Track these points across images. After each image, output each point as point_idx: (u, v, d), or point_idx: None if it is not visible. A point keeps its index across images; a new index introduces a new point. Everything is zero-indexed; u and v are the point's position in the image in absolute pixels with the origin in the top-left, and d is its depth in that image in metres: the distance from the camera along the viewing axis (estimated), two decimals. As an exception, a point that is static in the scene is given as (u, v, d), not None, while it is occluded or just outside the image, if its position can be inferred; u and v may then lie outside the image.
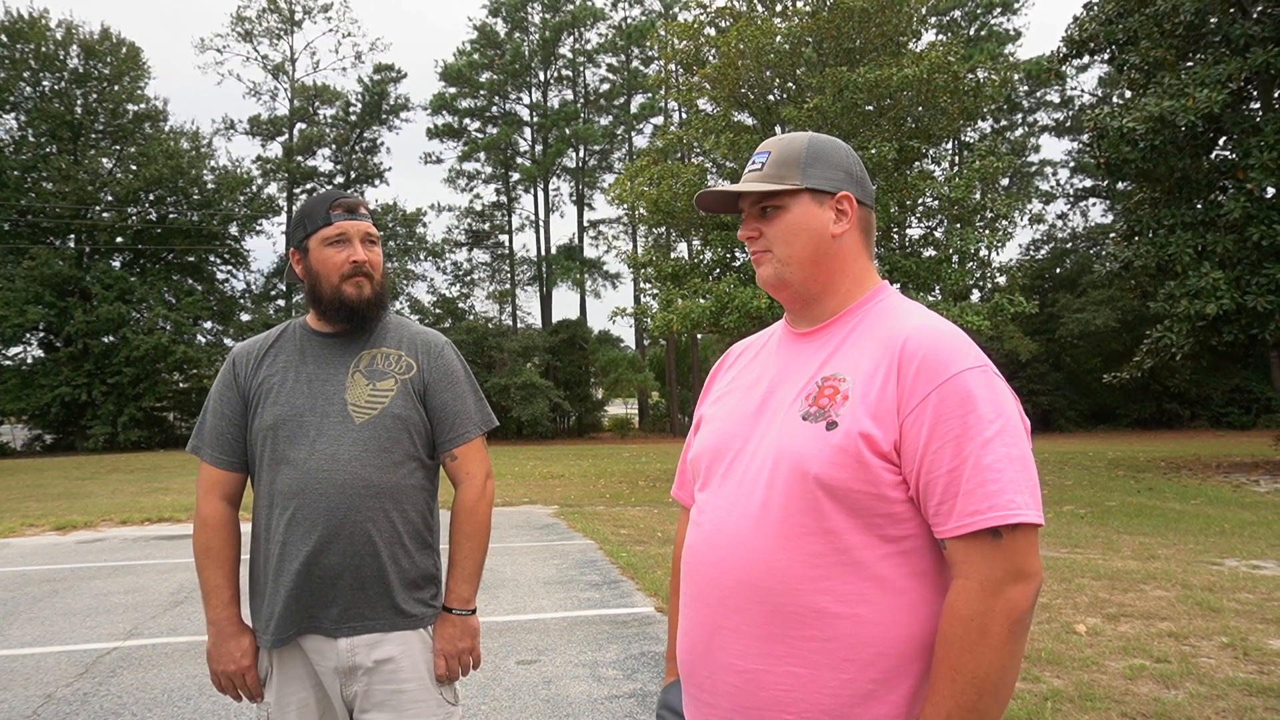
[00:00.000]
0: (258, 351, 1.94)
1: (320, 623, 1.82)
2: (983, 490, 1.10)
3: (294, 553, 1.80)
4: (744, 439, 1.30)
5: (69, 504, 13.03)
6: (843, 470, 1.16)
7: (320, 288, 1.88)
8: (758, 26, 14.26)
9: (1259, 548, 7.70)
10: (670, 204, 14.46)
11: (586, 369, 37.06)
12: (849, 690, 1.17)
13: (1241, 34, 14.68)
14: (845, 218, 1.32)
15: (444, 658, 1.89)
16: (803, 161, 1.32)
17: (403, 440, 1.87)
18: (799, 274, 1.32)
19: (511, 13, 40.59)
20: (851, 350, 1.26)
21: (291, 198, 38.78)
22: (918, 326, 1.22)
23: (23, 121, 32.73)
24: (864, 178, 1.36)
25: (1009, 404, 1.17)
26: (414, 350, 1.95)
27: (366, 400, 1.87)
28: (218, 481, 1.90)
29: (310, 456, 1.81)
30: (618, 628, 5.15)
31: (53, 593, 6.44)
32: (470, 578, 1.93)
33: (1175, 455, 19.16)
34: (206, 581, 1.87)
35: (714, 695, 1.25)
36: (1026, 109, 39.11)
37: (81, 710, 3.88)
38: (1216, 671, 3.98)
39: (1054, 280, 35.40)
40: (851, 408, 1.19)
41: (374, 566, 1.81)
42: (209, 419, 1.92)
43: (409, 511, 1.88)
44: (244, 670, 1.85)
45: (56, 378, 30.18)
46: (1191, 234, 14.91)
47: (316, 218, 1.88)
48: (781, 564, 1.19)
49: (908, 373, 1.17)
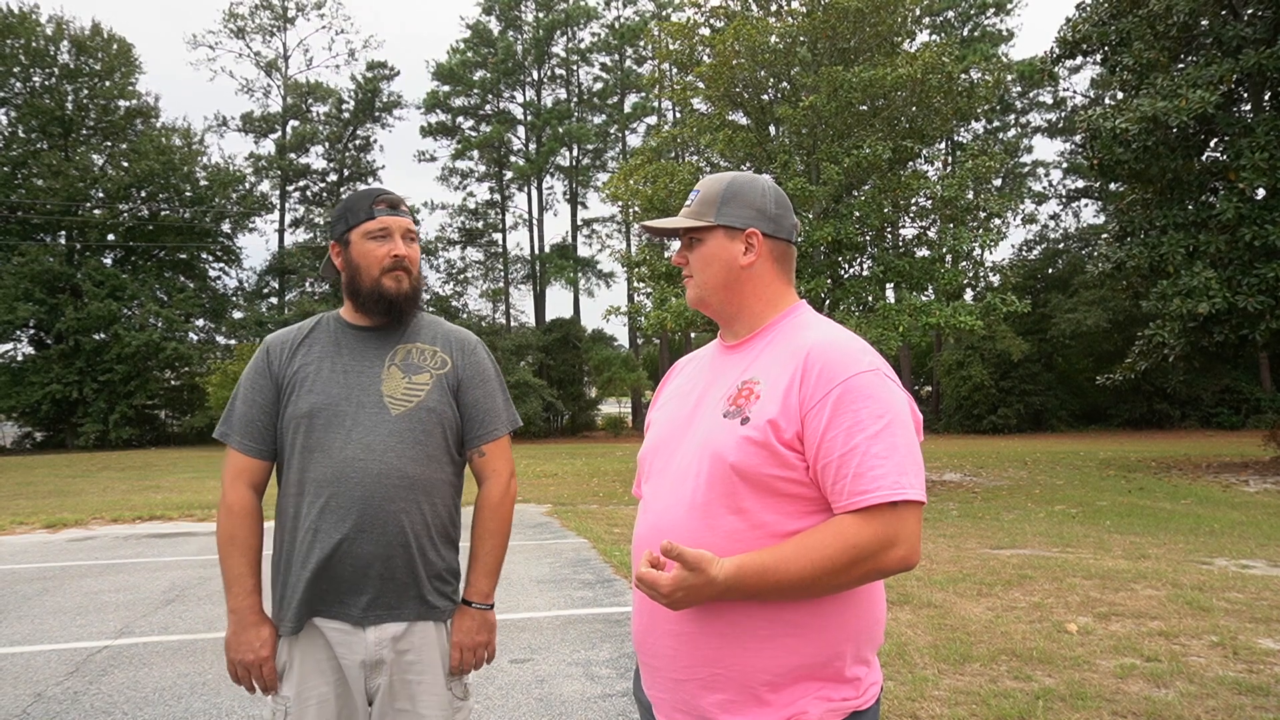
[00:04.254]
0: (292, 341, 1.96)
1: (348, 610, 1.83)
2: (870, 474, 1.28)
3: (325, 540, 1.81)
4: (679, 438, 1.51)
5: (59, 502, 12.97)
6: (754, 458, 1.35)
7: (360, 280, 1.91)
8: (752, 25, 14.26)
9: (1248, 547, 7.75)
10: (665, 203, 14.44)
11: (580, 368, 37.02)
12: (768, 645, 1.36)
13: (1233, 36, 14.75)
14: (753, 250, 1.52)
15: (460, 650, 1.92)
16: (719, 201, 1.53)
17: (435, 434, 1.91)
18: (714, 297, 1.55)
19: (505, 11, 40.55)
20: (766, 359, 1.46)
21: (284, 195, 38.67)
22: (820, 338, 1.42)
23: (13, 117, 32.59)
24: (779, 214, 1.55)
25: (897, 402, 1.35)
26: (449, 347, 1.99)
27: (403, 393, 1.90)
28: (245, 469, 1.90)
29: (346, 445, 1.83)
30: (611, 626, 5.15)
31: (43, 591, 6.40)
32: (491, 573, 1.97)
33: (1166, 455, 19.26)
34: (230, 570, 1.87)
35: (656, 659, 1.45)
36: (1019, 110, 39.19)
37: (72, 709, 3.86)
38: (1206, 670, 4.00)
39: (1046, 281, 35.49)
40: (762, 405, 1.38)
41: (404, 557, 1.84)
42: (239, 406, 1.92)
43: (438, 505, 1.92)
44: (262, 661, 1.84)
45: (47, 375, 30.05)
46: (1184, 234, 14.97)
47: (359, 211, 1.91)
48: (706, 540, 1.36)
49: (810, 377, 1.36)
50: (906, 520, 1.29)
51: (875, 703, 1.42)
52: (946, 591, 5.72)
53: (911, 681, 3.88)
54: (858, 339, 1.42)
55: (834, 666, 1.36)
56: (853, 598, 1.37)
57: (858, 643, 1.39)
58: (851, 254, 14.67)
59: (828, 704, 1.35)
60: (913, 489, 1.28)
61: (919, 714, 3.53)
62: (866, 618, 1.40)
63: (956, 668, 4.10)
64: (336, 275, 1.99)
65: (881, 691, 1.46)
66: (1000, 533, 8.81)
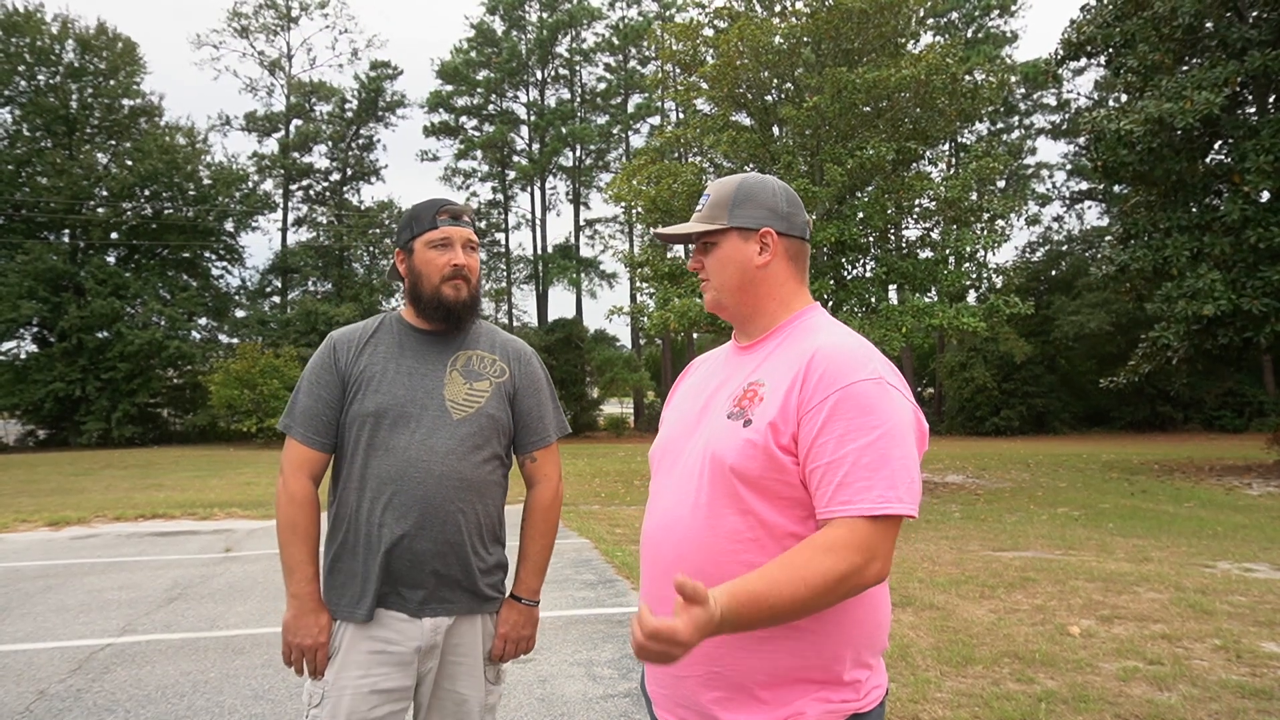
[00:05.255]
0: (359, 339, 2.03)
1: (407, 602, 1.92)
2: (855, 485, 1.27)
3: (389, 535, 1.90)
4: (687, 437, 1.52)
5: (62, 500, 12.99)
6: (752, 461, 1.35)
7: (421, 287, 2.00)
8: (756, 26, 14.25)
9: (1251, 550, 7.73)
10: (669, 203, 14.44)
11: (582, 368, 37.00)
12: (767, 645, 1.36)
13: (1238, 38, 14.72)
14: (768, 250, 1.52)
15: (504, 641, 2.05)
16: (731, 203, 1.52)
17: (492, 439, 2.02)
18: (731, 299, 1.55)
19: (509, 11, 40.53)
20: (775, 361, 1.46)
21: (287, 194, 38.70)
22: (826, 342, 1.40)
23: (17, 116, 32.61)
24: (791, 212, 1.54)
25: (896, 412, 1.33)
26: (506, 356, 2.10)
27: (464, 398, 2.00)
28: (306, 460, 1.97)
29: (410, 446, 1.92)
30: (613, 627, 5.15)
31: (46, 589, 6.41)
32: (540, 571, 2.12)
33: (1168, 458, 19.22)
34: (291, 556, 1.93)
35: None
36: (1023, 112, 39.15)
37: (74, 707, 3.86)
38: (1209, 674, 3.99)
39: (1049, 283, 35.45)
40: (765, 408, 1.38)
41: (458, 555, 1.95)
42: (302, 399, 1.99)
43: (490, 506, 2.03)
44: (319, 646, 1.91)
45: (50, 373, 30.07)
46: (1188, 237, 14.94)
47: (424, 221, 2.00)
48: (708, 541, 1.38)
49: (811, 380, 1.35)
50: (887, 535, 1.27)
51: (879, 706, 1.41)
52: (949, 593, 5.71)
53: (914, 683, 3.88)
54: (866, 345, 1.42)
55: (832, 670, 1.35)
56: (853, 602, 1.36)
57: (857, 647, 1.38)
58: (855, 255, 14.65)
59: (826, 705, 1.35)
60: (899, 503, 1.27)
61: (921, 716, 3.53)
62: (868, 622, 1.39)
63: (959, 670, 4.09)
64: (400, 281, 2.07)
65: (887, 695, 1.46)
66: (1003, 535, 8.80)
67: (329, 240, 37.59)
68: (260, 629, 5.18)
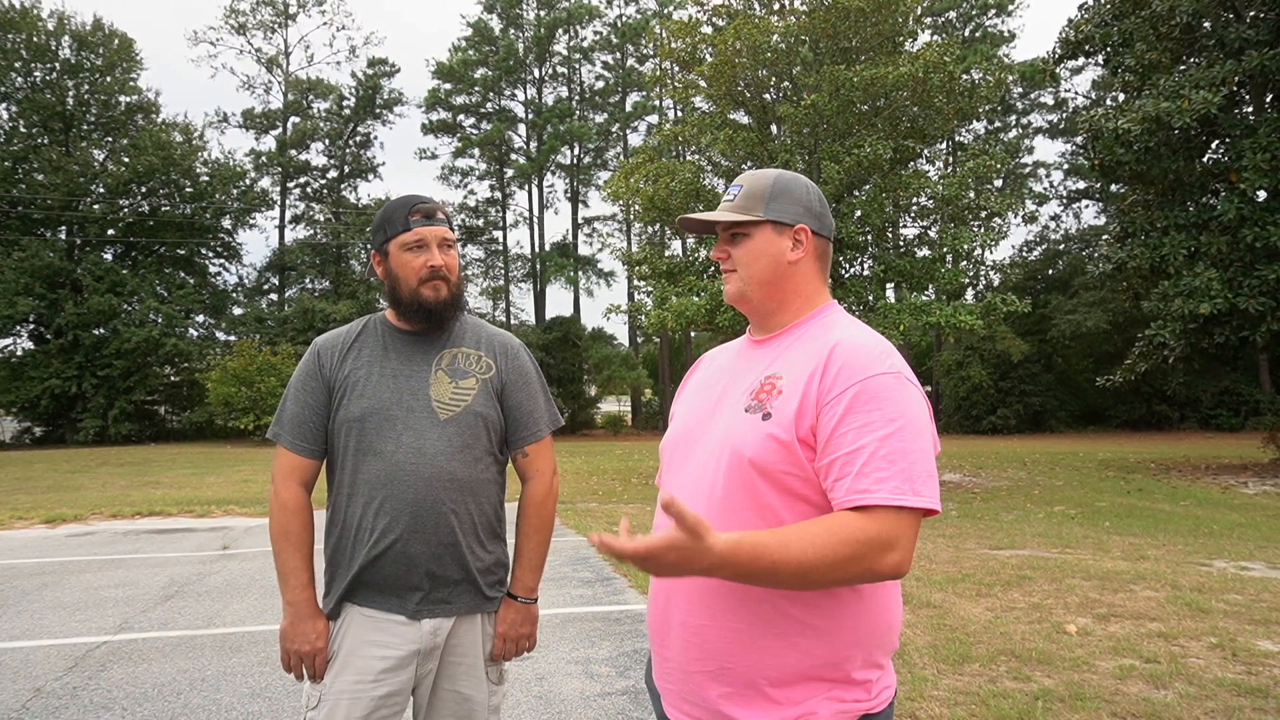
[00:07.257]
0: (342, 344, 2.02)
1: (404, 605, 1.92)
2: (874, 475, 1.27)
3: (381, 540, 1.89)
4: (700, 431, 1.51)
5: (59, 497, 12.97)
6: (772, 454, 1.35)
7: (399, 290, 1.98)
8: (754, 24, 14.24)
9: (1247, 549, 7.75)
10: (666, 201, 14.44)
11: (580, 366, 36.98)
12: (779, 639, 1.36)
13: (1236, 37, 14.74)
14: (801, 246, 1.52)
15: (504, 640, 2.03)
16: (767, 196, 1.52)
17: (482, 437, 1.99)
18: (758, 292, 1.54)
19: (506, 9, 40.47)
20: (792, 355, 1.46)
21: (285, 191, 38.64)
22: (845, 336, 1.41)
23: (14, 112, 32.50)
24: (822, 212, 1.56)
25: (914, 406, 1.34)
26: (492, 351, 2.07)
27: (450, 397, 1.98)
28: (296, 467, 1.97)
29: (397, 449, 1.91)
30: (610, 625, 5.15)
31: (42, 586, 6.40)
32: (536, 568, 2.09)
33: (1165, 457, 19.26)
34: (285, 564, 1.93)
35: (667, 650, 1.46)
36: (1020, 111, 39.18)
37: (71, 704, 3.86)
38: (1205, 672, 4.00)
39: (1046, 281, 35.51)
40: (783, 401, 1.38)
41: (454, 555, 1.93)
42: (289, 406, 1.99)
43: (484, 504, 2.00)
44: (316, 652, 1.91)
45: (46, 370, 30.00)
46: (1185, 235, 14.96)
47: (396, 223, 1.96)
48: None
49: (831, 373, 1.36)
50: (907, 526, 1.27)
51: (888, 706, 1.41)
52: (946, 592, 5.72)
53: (911, 681, 3.88)
54: (884, 341, 1.42)
55: (843, 669, 1.35)
56: (866, 601, 1.36)
57: (869, 646, 1.37)
58: (852, 253, 14.67)
59: (838, 705, 1.34)
60: (919, 495, 1.27)
61: (918, 714, 3.53)
62: (879, 622, 1.39)
63: (956, 668, 4.10)
64: (381, 282, 2.07)
65: (895, 695, 1.46)
66: (999, 533, 8.81)
67: (326, 238, 37.58)
68: (257, 626, 5.17)
